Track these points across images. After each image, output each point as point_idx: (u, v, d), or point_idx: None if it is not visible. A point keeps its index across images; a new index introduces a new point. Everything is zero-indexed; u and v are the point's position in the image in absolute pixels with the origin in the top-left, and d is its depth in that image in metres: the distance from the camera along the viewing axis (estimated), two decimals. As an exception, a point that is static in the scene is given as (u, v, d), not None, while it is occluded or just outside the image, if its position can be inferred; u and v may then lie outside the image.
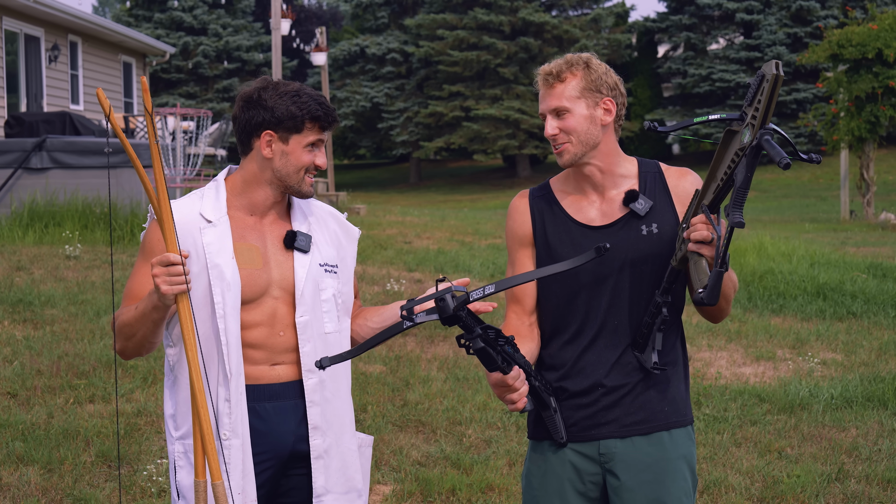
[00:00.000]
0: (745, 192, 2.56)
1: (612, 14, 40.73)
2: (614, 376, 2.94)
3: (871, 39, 19.72)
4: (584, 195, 3.01)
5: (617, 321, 2.93)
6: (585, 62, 2.94)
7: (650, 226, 2.93)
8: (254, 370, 2.95)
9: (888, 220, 18.70)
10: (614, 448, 2.94)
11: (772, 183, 33.61)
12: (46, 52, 20.32)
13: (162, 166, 2.70)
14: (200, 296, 2.91)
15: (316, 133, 2.98)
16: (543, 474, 3.01)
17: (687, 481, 2.97)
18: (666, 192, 2.98)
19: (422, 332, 8.12)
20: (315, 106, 2.95)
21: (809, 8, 37.67)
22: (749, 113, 2.56)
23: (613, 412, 2.94)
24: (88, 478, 5.29)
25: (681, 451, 2.97)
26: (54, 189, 12.79)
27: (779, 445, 5.98)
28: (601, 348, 2.95)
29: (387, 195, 34.74)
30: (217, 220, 2.96)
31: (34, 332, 7.65)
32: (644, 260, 2.92)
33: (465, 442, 5.98)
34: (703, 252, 2.71)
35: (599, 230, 2.95)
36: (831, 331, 8.66)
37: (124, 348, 2.95)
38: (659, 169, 3.02)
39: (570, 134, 2.92)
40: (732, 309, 9.35)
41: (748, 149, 2.55)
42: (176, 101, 36.90)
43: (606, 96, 2.93)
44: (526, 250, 3.04)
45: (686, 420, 3.01)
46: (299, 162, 2.97)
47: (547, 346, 3.02)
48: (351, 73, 42.26)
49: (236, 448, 2.90)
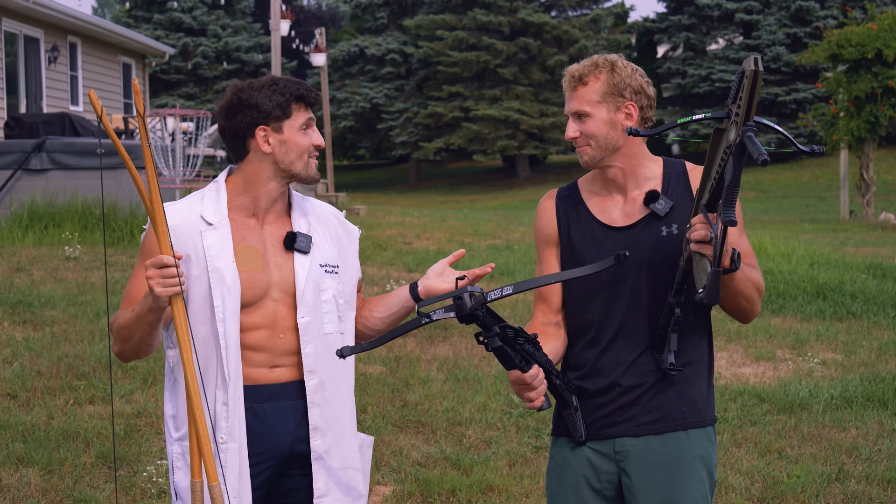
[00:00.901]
0: (735, 189, 2.56)
1: (612, 14, 40.74)
2: (631, 376, 2.94)
3: (871, 39, 19.73)
4: (608, 195, 3.03)
5: (636, 322, 2.94)
6: (612, 64, 2.94)
7: (670, 227, 2.93)
8: (253, 372, 2.94)
9: (888, 220, 18.70)
10: (629, 446, 2.94)
11: (771, 183, 33.63)
12: (46, 53, 20.32)
13: (155, 168, 2.69)
14: (201, 299, 2.90)
15: (304, 112, 2.99)
16: (561, 470, 3.03)
17: (704, 482, 2.95)
18: (689, 193, 2.97)
19: (422, 333, 8.11)
20: (294, 86, 2.98)
21: (809, 8, 37.69)
22: (734, 110, 2.56)
23: (630, 411, 2.94)
24: (88, 479, 5.28)
25: (698, 451, 2.95)
26: (54, 190, 12.78)
27: (779, 446, 5.98)
28: (620, 349, 2.95)
29: (386, 196, 34.75)
30: (218, 223, 2.95)
31: (34, 333, 7.64)
32: (663, 261, 2.92)
33: (465, 443, 5.97)
34: (704, 252, 2.71)
35: (621, 231, 2.96)
36: (831, 331, 8.65)
37: (122, 351, 2.95)
38: (684, 169, 3.02)
39: (590, 138, 2.93)
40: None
41: (733, 146, 2.56)
42: (175, 102, 36.91)
43: (629, 100, 2.93)
44: (552, 249, 3.07)
45: (706, 420, 2.98)
46: (299, 146, 2.98)
47: (572, 346, 3.03)
48: (350, 73, 42.28)
49: (233, 452, 2.89)
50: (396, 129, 40.61)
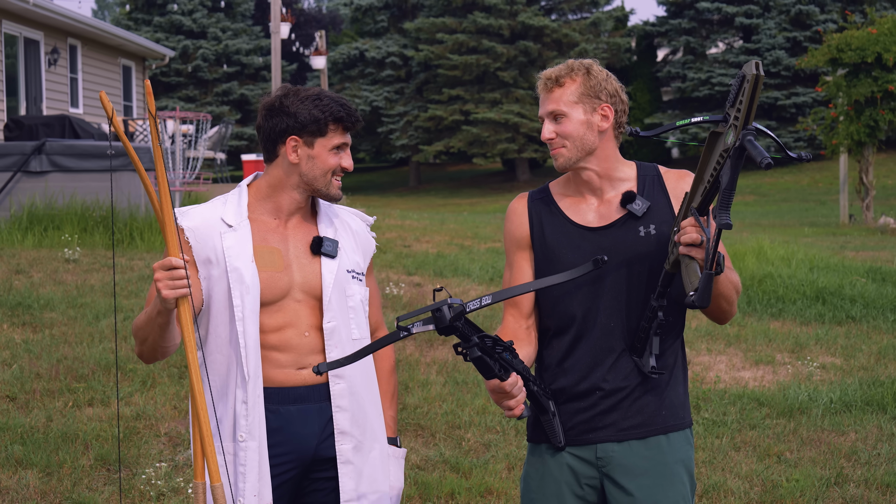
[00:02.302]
0: (731, 193, 2.56)
1: (612, 18, 40.76)
2: (612, 379, 2.93)
3: (871, 43, 19.73)
4: (582, 198, 3.02)
5: (614, 322, 2.93)
6: (587, 68, 2.95)
7: (648, 227, 2.93)
8: (278, 373, 2.96)
9: (887, 225, 18.71)
10: (611, 452, 2.94)
11: (771, 187, 33.64)
12: (46, 56, 20.32)
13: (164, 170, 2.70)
14: (221, 299, 2.93)
15: (340, 135, 3.00)
16: (541, 477, 3.01)
17: (685, 485, 2.97)
18: (664, 194, 2.98)
19: (421, 337, 8.11)
20: (337, 108, 2.97)
21: (809, 12, 37.71)
22: (732, 114, 2.56)
23: (611, 416, 2.94)
24: (87, 481, 5.28)
25: (679, 455, 2.97)
26: (53, 192, 12.78)
27: (778, 450, 5.98)
28: (598, 350, 2.94)
29: (386, 199, 34.74)
30: (238, 225, 2.97)
31: (33, 335, 7.64)
32: (642, 261, 2.92)
33: (464, 446, 5.97)
34: (694, 255, 2.71)
35: (598, 231, 2.95)
36: (830, 335, 8.65)
37: (141, 352, 2.97)
38: (658, 172, 3.03)
39: (566, 138, 2.93)
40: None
41: (732, 150, 2.56)
42: (175, 105, 36.91)
43: (605, 102, 2.94)
44: (524, 253, 3.04)
45: (684, 423, 3.00)
46: (325, 165, 2.98)
47: (547, 345, 3.02)
48: (350, 76, 42.28)
49: (252, 450, 2.91)
50: (396, 132, 40.60)
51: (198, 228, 2.96)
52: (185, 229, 2.96)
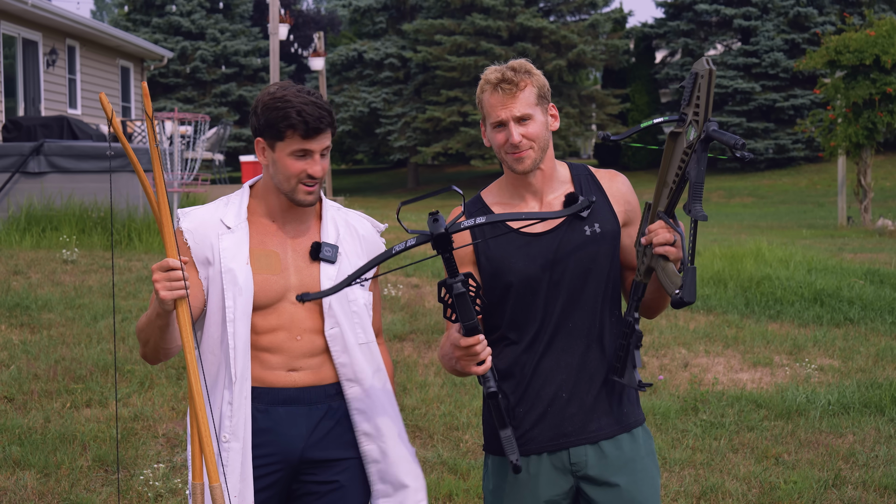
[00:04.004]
0: (700, 186, 2.58)
1: (610, 20, 40.75)
2: (574, 383, 2.92)
3: (869, 46, 19.75)
4: (523, 202, 3.01)
5: (572, 323, 2.93)
6: (528, 70, 2.96)
7: (592, 226, 2.95)
8: (269, 374, 2.95)
9: (885, 227, 18.72)
10: (584, 456, 2.93)
11: (769, 189, 33.65)
12: (44, 57, 20.32)
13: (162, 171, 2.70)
14: (215, 300, 2.93)
15: (298, 142, 2.88)
16: (511, 488, 2.97)
17: (656, 477, 3.01)
18: (602, 193, 3.01)
19: (419, 338, 8.12)
20: (293, 114, 2.85)
21: (807, 14, 37.73)
22: (689, 112, 2.59)
23: (577, 420, 2.93)
24: (85, 482, 5.28)
25: (645, 449, 3.00)
26: (51, 193, 12.78)
27: (776, 451, 5.98)
28: (559, 352, 2.93)
29: (384, 200, 34.73)
30: (236, 227, 2.97)
31: (31, 336, 7.64)
32: (592, 259, 2.93)
33: (461, 447, 5.97)
34: (670, 254, 2.71)
35: (544, 236, 2.94)
36: (828, 337, 8.66)
37: (144, 353, 2.97)
38: (589, 171, 3.06)
39: (533, 140, 2.92)
40: (730, 315, 9.36)
41: (696, 144, 2.57)
42: (174, 106, 36.90)
43: (550, 102, 2.99)
44: (471, 269, 2.98)
45: (641, 418, 3.04)
46: (287, 170, 2.91)
47: (507, 355, 2.96)
48: (349, 78, 42.27)
49: (235, 451, 2.90)
50: (395, 133, 40.60)
51: (196, 230, 2.96)
52: (182, 231, 2.96)
